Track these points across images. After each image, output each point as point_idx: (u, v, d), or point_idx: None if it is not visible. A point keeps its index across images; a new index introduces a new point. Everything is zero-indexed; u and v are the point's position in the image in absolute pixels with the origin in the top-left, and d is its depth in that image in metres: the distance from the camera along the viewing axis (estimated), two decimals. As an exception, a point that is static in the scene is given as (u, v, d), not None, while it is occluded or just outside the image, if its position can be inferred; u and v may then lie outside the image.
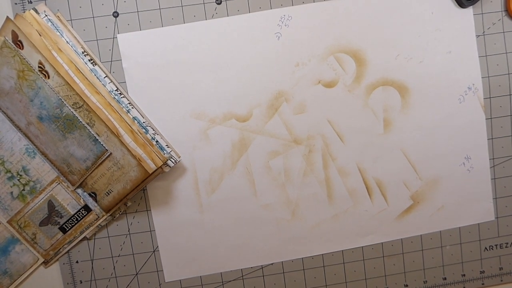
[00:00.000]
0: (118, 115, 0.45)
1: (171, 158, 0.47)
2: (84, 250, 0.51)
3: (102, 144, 0.45)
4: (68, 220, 0.49)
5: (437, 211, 0.52)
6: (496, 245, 0.53)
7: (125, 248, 0.51)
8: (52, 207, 0.49)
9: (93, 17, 0.48)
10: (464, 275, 0.53)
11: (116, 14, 0.48)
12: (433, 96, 0.51)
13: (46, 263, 0.50)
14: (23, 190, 0.49)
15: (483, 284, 0.54)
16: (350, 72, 0.50)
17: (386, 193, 0.52)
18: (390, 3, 0.49)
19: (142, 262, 0.51)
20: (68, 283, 0.51)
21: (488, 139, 0.52)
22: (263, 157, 0.50)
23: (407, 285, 0.53)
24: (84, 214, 0.49)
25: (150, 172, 0.45)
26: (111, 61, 0.48)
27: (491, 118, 0.52)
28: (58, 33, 0.46)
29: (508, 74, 0.51)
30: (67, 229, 0.49)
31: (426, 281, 0.53)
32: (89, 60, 0.46)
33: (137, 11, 0.48)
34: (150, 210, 0.50)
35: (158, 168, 0.45)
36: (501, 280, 0.54)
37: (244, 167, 0.50)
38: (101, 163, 0.46)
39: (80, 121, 0.44)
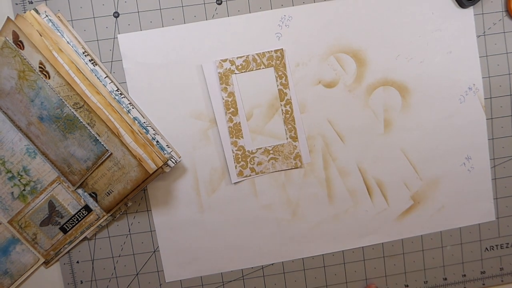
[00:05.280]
0: (118, 115, 0.45)
1: (172, 158, 0.47)
2: (85, 250, 0.51)
3: (102, 144, 0.45)
4: (68, 220, 0.49)
5: (438, 211, 0.52)
6: (496, 246, 0.53)
7: (125, 248, 0.51)
8: (52, 207, 0.49)
9: (94, 17, 0.48)
10: (464, 275, 0.53)
11: (116, 15, 0.48)
12: (434, 96, 0.51)
13: (46, 263, 0.51)
14: (24, 190, 0.49)
15: (483, 284, 0.54)
16: (351, 72, 0.50)
17: (387, 193, 0.52)
18: (390, 3, 0.49)
19: (143, 262, 0.51)
20: (68, 283, 0.51)
21: (488, 139, 0.52)
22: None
23: (407, 285, 0.53)
24: (85, 214, 0.49)
25: (151, 172, 0.45)
26: (112, 61, 0.48)
27: (491, 118, 0.52)
28: (58, 34, 0.46)
29: (509, 74, 0.51)
30: (68, 229, 0.50)
31: (426, 281, 0.53)
32: (89, 60, 0.47)
33: (138, 11, 0.48)
34: (151, 210, 0.50)
35: (159, 168, 0.45)
36: (502, 281, 0.54)
37: (245, 167, 0.50)
38: (101, 163, 0.46)
39: (81, 121, 0.44)
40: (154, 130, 0.48)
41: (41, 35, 0.44)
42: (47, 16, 0.46)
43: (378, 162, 0.51)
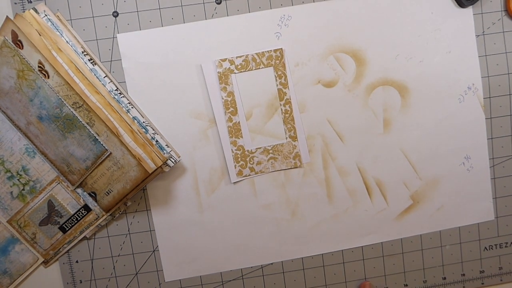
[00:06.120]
0: (118, 115, 0.45)
1: (171, 157, 0.47)
2: (84, 250, 0.51)
3: (102, 144, 0.45)
4: (68, 220, 0.49)
5: (437, 211, 0.52)
6: (495, 245, 0.53)
7: (125, 247, 0.51)
8: (52, 206, 0.49)
9: (93, 16, 0.48)
10: (463, 274, 0.54)
11: (116, 14, 0.48)
12: (433, 96, 0.51)
13: (46, 262, 0.50)
14: (23, 189, 0.49)
15: (482, 283, 0.54)
16: (350, 72, 0.50)
17: (386, 193, 0.52)
18: (390, 3, 0.49)
19: (142, 261, 0.51)
20: (68, 283, 0.51)
21: (488, 138, 0.52)
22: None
23: (406, 285, 0.53)
24: (84, 213, 0.49)
25: (150, 172, 0.45)
26: (111, 60, 0.48)
27: (491, 118, 0.52)
28: (57, 33, 0.46)
29: (508, 73, 0.51)
30: (67, 229, 0.49)
31: (425, 280, 0.53)
32: (89, 60, 0.46)
33: (137, 11, 0.48)
34: (150, 210, 0.50)
35: (158, 167, 0.45)
36: (501, 280, 0.54)
37: (244, 167, 0.50)
38: (101, 163, 0.46)
39: (80, 121, 0.44)
40: (153, 130, 0.48)
41: (40, 35, 0.44)
42: (46, 15, 0.46)
43: (377, 161, 0.51)
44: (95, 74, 0.46)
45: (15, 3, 0.47)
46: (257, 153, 0.50)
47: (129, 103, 0.47)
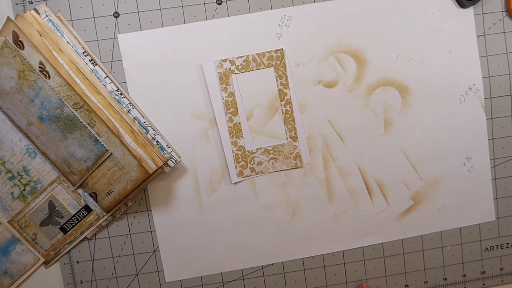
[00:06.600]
0: (118, 115, 0.45)
1: (172, 158, 0.47)
2: (85, 250, 0.51)
3: (102, 144, 0.45)
4: (68, 220, 0.49)
5: (438, 211, 0.52)
6: (496, 246, 0.53)
7: (125, 248, 0.51)
8: (52, 207, 0.49)
9: (94, 17, 0.48)
10: (464, 275, 0.53)
11: (116, 15, 0.48)
12: (434, 96, 0.51)
13: (46, 263, 0.51)
14: (24, 190, 0.49)
15: (483, 284, 0.54)
16: (351, 72, 0.50)
17: (387, 193, 0.52)
18: (391, 3, 0.49)
19: (143, 262, 0.51)
20: (68, 283, 0.51)
21: (488, 139, 0.52)
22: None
23: (407, 285, 0.53)
24: (85, 214, 0.49)
25: (151, 172, 0.45)
26: (112, 61, 0.48)
27: (491, 118, 0.52)
28: (58, 33, 0.46)
29: (509, 74, 0.51)
30: (68, 229, 0.50)
31: (426, 281, 0.53)
32: (89, 60, 0.47)
33: (138, 11, 0.48)
34: (151, 210, 0.50)
35: (159, 168, 0.45)
36: (502, 281, 0.54)
37: (245, 167, 0.50)
38: (101, 163, 0.46)
39: (81, 121, 0.44)
40: (154, 130, 0.48)
41: (41, 35, 0.44)
42: (47, 16, 0.46)
43: (378, 162, 0.51)
44: (95, 75, 0.46)
45: (16, 4, 0.47)
46: (257, 153, 0.50)
47: (129, 104, 0.47)
